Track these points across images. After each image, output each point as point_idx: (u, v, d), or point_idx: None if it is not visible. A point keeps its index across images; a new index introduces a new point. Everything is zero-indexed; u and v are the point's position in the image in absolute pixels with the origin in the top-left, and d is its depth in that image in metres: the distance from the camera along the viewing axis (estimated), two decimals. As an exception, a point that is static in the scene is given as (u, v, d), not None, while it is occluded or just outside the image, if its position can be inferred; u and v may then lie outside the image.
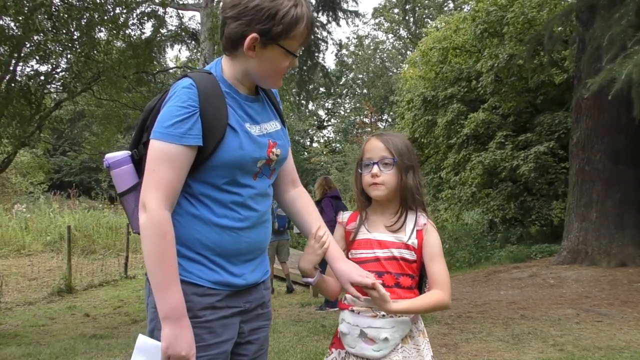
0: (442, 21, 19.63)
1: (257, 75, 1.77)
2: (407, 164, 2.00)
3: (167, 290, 1.60)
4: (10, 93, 7.59)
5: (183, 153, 1.63)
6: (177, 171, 1.63)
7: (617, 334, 5.41)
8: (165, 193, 1.62)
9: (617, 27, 7.06)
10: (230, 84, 1.77)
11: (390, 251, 1.96)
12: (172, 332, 1.60)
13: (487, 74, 13.42)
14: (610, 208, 9.63)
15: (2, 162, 8.63)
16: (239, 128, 1.71)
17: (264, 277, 1.90)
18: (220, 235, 1.71)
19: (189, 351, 1.61)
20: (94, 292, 11.00)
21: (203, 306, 1.70)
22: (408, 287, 1.96)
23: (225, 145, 1.68)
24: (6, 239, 14.83)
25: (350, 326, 1.94)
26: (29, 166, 18.72)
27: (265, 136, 1.79)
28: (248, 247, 1.77)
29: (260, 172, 1.78)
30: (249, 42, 1.68)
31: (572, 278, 8.67)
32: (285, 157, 1.89)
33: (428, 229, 2.02)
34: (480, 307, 7.26)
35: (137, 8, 8.97)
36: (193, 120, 1.64)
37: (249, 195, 1.75)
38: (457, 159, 14.58)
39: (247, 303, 1.82)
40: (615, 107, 9.27)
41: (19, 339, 7.16)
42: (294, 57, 1.76)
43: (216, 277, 1.72)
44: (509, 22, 13.26)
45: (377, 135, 2.07)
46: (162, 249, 1.61)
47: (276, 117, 1.91)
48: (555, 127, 12.59)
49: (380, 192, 1.99)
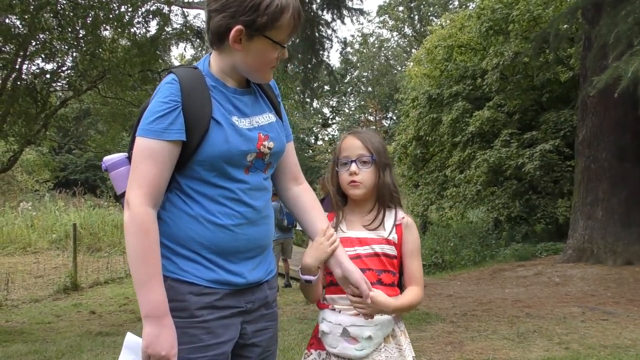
0: (447, 19, 19.61)
1: (245, 69, 1.73)
2: (384, 161, 1.98)
3: (148, 288, 1.57)
4: (16, 91, 7.62)
5: (165, 148, 1.61)
6: (160, 167, 1.61)
7: (623, 333, 5.40)
8: (147, 190, 1.60)
9: (623, 24, 7.03)
10: (217, 78, 1.73)
11: (372, 247, 1.94)
12: (153, 330, 1.56)
13: (493, 72, 13.39)
14: (616, 206, 9.60)
15: (8, 160, 8.68)
16: (223, 121, 1.67)
17: (268, 276, 1.84)
18: (214, 233, 1.67)
19: (170, 351, 1.57)
20: (99, 290, 11.04)
21: (200, 306, 1.65)
22: (390, 283, 1.94)
23: (210, 139, 1.64)
24: (12, 236, 14.88)
25: (332, 325, 1.90)
26: (34, 164, 18.80)
27: (255, 129, 1.74)
28: (246, 245, 1.72)
29: (253, 166, 1.73)
30: (234, 35, 1.64)
31: (578, 276, 8.65)
32: (280, 151, 1.83)
33: (407, 223, 2.00)
34: (485, 305, 7.25)
35: (142, 6, 8.98)
36: (174, 115, 1.61)
37: (242, 190, 1.70)
38: (462, 157, 14.56)
39: (248, 303, 1.76)
40: (622, 105, 9.24)
41: (25, 336, 7.19)
42: (282, 48, 1.72)
43: (213, 275, 1.67)
44: (514, 19, 13.23)
45: (353, 133, 2.04)
46: (144, 246, 1.58)
47: (270, 110, 1.85)
48: (560, 125, 12.56)
49: (359, 190, 1.97)
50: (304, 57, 12.93)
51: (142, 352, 1.58)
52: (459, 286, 9.19)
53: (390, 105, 38.09)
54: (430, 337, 5.51)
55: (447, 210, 16.31)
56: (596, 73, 8.01)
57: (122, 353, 1.67)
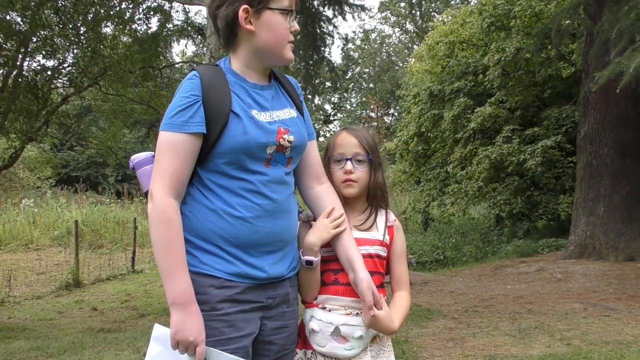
0: (449, 15, 19.53)
1: (264, 50, 1.75)
2: (377, 161, 1.97)
3: (173, 277, 1.60)
4: (17, 88, 7.61)
5: (186, 141, 1.65)
6: (182, 160, 1.65)
7: (625, 329, 5.39)
8: (169, 181, 1.64)
9: (625, 20, 7.00)
10: (237, 73, 1.77)
11: (366, 249, 1.91)
12: (180, 317, 1.59)
13: (494, 68, 13.35)
14: (617, 202, 9.59)
15: (10, 157, 8.67)
16: (242, 114, 1.70)
17: (290, 272, 1.84)
18: (233, 226, 1.68)
19: (197, 337, 1.60)
20: (101, 287, 11.05)
21: (221, 299, 1.67)
22: (379, 285, 1.92)
23: (229, 131, 1.67)
24: (14, 233, 14.91)
25: (323, 323, 1.87)
26: (36, 161, 18.79)
27: (275, 122, 1.75)
28: (266, 238, 1.72)
29: (274, 159, 1.74)
30: (242, 16, 1.69)
31: (580, 272, 8.64)
32: (301, 145, 1.83)
33: (397, 226, 1.99)
34: (487, 301, 7.25)
35: (144, 3, 8.97)
36: (195, 108, 1.66)
37: (261, 182, 1.71)
38: (463, 153, 14.53)
39: (270, 299, 1.77)
40: (623, 101, 9.23)
41: (28, 332, 7.20)
42: (291, 13, 1.75)
43: (233, 268, 1.69)
44: (516, 15, 13.18)
45: (348, 130, 2.01)
46: (168, 235, 1.62)
47: (292, 106, 1.87)
48: (562, 121, 12.53)
49: (353, 189, 1.94)
50: (306, 53, 12.92)
51: (171, 338, 1.61)
52: (460, 282, 9.19)
53: (392, 101, 38.03)
54: (431, 334, 5.51)
55: (449, 206, 16.28)
56: (598, 69, 7.98)
57: (151, 345, 1.70)
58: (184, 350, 1.61)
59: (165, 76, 11.52)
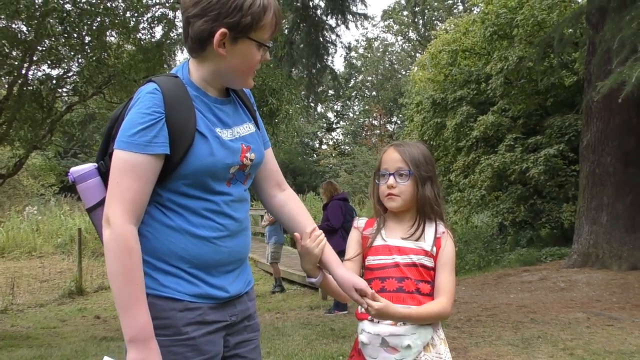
0: (452, 23, 19.59)
1: (229, 74, 1.67)
2: (423, 175, 1.98)
3: (132, 311, 1.50)
4: (23, 97, 7.66)
5: (149, 162, 1.53)
6: (143, 182, 1.54)
7: (628, 338, 5.38)
8: (130, 206, 1.52)
9: (627, 29, 7.02)
10: (198, 87, 1.67)
11: (410, 257, 1.94)
12: (139, 355, 1.49)
13: (497, 77, 13.37)
14: (621, 211, 9.58)
15: (14, 165, 8.72)
16: (208, 133, 1.61)
17: (247, 287, 1.81)
18: (197, 246, 1.61)
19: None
20: (104, 294, 11.06)
21: (186, 322, 1.59)
22: (427, 293, 1.94)
23: (195, 153, 1.58)
24: (18, 241, 14.95)
25: (371, 336, 1.91)
26: (40, 168, 18.85)
27: (238, 140, 1.69)
28: (228, 257, 1.68)
29: (234, 178, 1.69)
30: (218, 39, 1.58)
31: (583, 281, 8.62)
32: (260, 162, 1.79)
33: (445, 237, 2.00)
34: (489, 310, 7.24)
35: (148, 12, 9.03)
36: (158, 127, 1.54)
37: (225, 202, 1.66)
38: (466, 161, 14.54)
39: (232, 316, 1.72)
40: (626, 110, 9.23)
41: (31, 341, 7.21)
42: (266, 48, 1.67)
43: (195, 289, 1.62)
44: (518, 24, 13.22)
45: (394, 145, 2.05)
46: (128, 266, 1.50)
47: (250, 120, 1.81)
48: (565, 130, 12.53)
49: (395, 203, 1.98)
50: (308, 62, 12.97)
51: None
52: (463, 291, 9.18)
53: (395, 109, 38.09)
54: (434, 343, 5.49)
55: (452, 214, 16.26)
56: (600, 78, 8.00)
57: None
58: None
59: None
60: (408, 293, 1.90)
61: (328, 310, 8.14)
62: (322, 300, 9.35)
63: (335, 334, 6.24)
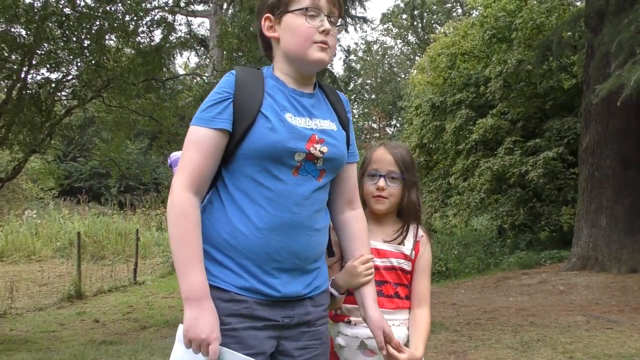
0: (451, 27, 19.63)
1: (290, 55, 1.71)
2: (412, 179, 1.98)
3: (187, 271, 1.55)
4: (22, 101, 7.65)
5: (211, 136, 1.61)
6: (204, 155, 1.61)
7: (628, 342, 5.37)
8: (190, 175, 1.60)
9: (626, 32, 7.04)
10: (277, 77, 1.74)
11: (390, 261, 1.93)
12: (193, 313, 1.53)
13: (496, 80, 13.40)
14: (620, 214, 9.58)
15: (13, 169, 8.70)
16: (272, 115, 1.63)
17: (311, 292, 1.73)
18: (246, 236, 1.61)
19: (210, 334, 1.52)
20: (103, 298, 11.04)
21: (229, 313, 1.60)
22: (405, 296, 1.94)
23: (255, 132, 1.61)
24: (17, 244, 14.92)
25: (349, 338, 1.88)
26: (39, 172, 18.86)
27: (312, 130, 1.68)
28: (279, 252, 1.63)
29: (302, 169, 1.65)
30: (265, 25, 1.72)
31: (582, 284, 8.62)
32: (337, 158, 1.73)
33: (424, 242, 2.00)
34: (489, 313, 7.23)
35: (147, 16, 9.03)
36: (224, 105, 1.63)
37: (283, 192, 1.63)
38: (465, 164, 14.56)
39: (286, 318, 1.67)
40: (625, 113, 9.25)
41: (30, 344, 7.20)
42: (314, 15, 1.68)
43: (241, 282, 1.62)
44: (517, 27, 13.25)
45: (386, 146, 2.02)
46: (183, 229, 1.57)
47: (335, 120, 1.79)
48: (564, 133, 12.55)
49: (383, 206, 1.96)
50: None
51: (183, 336, 1.55)
52: (462, 294, 9.17)
53: (394, 112, 38.10)
54: (433, 346, 5.49)
55: (451, 218, 16.28)
56: (599, 81, 8.02)
57: (175, 345, 1.61)
58: (197, 348, 1.54)
59: (168, 88, 11.57)
60: (387, 297, 1.90)
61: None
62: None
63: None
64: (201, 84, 11.71)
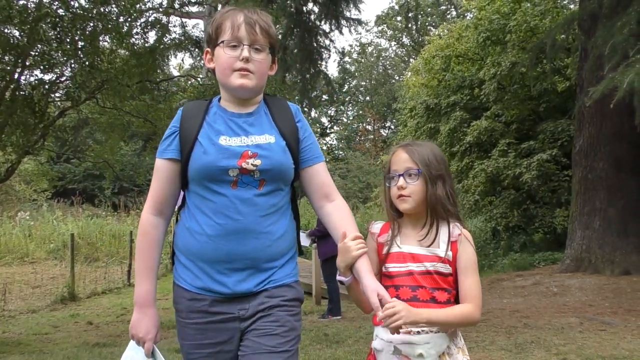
0: (445, 29, 19.69)
1: (220, 82, 1.95)
2: (434, 174, 1.92)
3: (139, 280, 1.92)
4: (15, 102, 7.61)
5: (164, 165, 1.93)
6: (162, 181, 1.93)
7: (621, 343, 5.39)
8: (151, 200, 1.94)
9: (619, 35, 7.07)
10: (219, 105, 1.98)
11: (424, 265, 1.89)
12: (137, 316, 1.91)
13: (490, 82, 13.44)
14: (613, 216, 9.61)
15: (6, 171, 8.65)
16: (206, 141, 1.87)
17: (265, 286, 1.88)
18: (199, 243, 1.86)
19: (145, 335, 1.89)
20: (97, 300, 11.01)
21: (191, 309, 1.88)
22: (445, 301, 1.88)
23: (193, 157, 1.86)
24: (10, 246, 14.86)
25: (384, 342, 1.88)
26: (32, 173, 18.79)
27: (245, 147, 1.87)
28: (228, 255, 1.84)
29: (240, 181, 1.85)
30: (206, 58, 1.99)
31: (576, 286, 8.65)
32: (273, 169, 1.88)
33: (462, 240, 1.92)
34: (483, 315, 7.21)
35: (141, 17, 9.01)
36: (172, 138, 1.93)
37: (224, 203, 1.84)
38: (459, 166, 14.59)
39: (241, 310, 1.87)
40: (618, 116, 9.27)
41: (22, 347, 7.16)
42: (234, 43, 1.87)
43: (199, 283, 1.87)
44: (511, 30, 13.29)
45: (402, 146, 2.00)
46: (141, 245, 1.93)
47: (274, 132, 1.95)
48: (558, 135, 12.59)
49: (407, 204, 1.92)
50: (302, 67, 12.97)
51: (129, 330, 1.93)
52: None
53: (388, 114, 38.18)
54: (428, 348, 5.49)
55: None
56: (592, 83, 8.04)
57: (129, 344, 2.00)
58: (138, 343, 1.92)
59: (162, 89, 11.55)
60: (423, 302, 1.86)
61: (322, 315, 8.13)
62: (315, 305, 9.33)
63: (329, 339, 6.24)
64: (195, 86, 11.69)
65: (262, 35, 1.90)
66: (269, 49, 1.94)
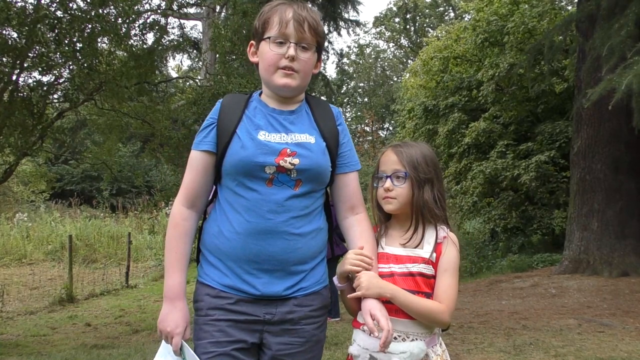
0: (443, 30, 19.69)
1: (262, 78, 1.91)
2: (422, 177, 1.92)
3: (169, 273, 1.85)
4: (13, 104, 7.60)
5: (199, 157, 1.88)
6: (195, 173, 1.89)
7: (619, 345, 5.40)
8: (184, 191, 1.90)
9: (616, 37, 7.08)
10: (260, 100, 1.94)
11: (407, 267, 1.88)
12: (166, 309, 1.84)
13: (488, 83, 13.45)
14: (611, 218, 9.63)
15: (5, 172, 8.64)
16: (244, 134, 1.83)
17: (295, 293, 1.85)
18: (229, 240, 1.81)
19: (174, 329, 1.81)
20: (95, 302, 10.98)
21: (213, 306, 1.82)
22: None
23: (230, 150, 1.82)
24: (8, 247, 14.83)
25: (360, 349, 1.87)
26: (30, 175, 18.77)
27: (284, 144, 1.82)
28: (258, 255, 1.79)
29: (276, 179, 1.80)
30: (250, 51, 1.95)
31: (574, 288, 8.65)
32: (311, 170, 1.83)
33: (447, 242, 1.92)
34: (481, 317, 7.24)
35: (139, 18, 9.00)
36: (209, 129, 1.89)
37: (257, 201, 1.79)
38: (458, 168, 14.59)
39: (268, 314, 1.82)
40: (616, 117, 9.28)
41: (20, 349, 7.14)
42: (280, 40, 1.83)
43: (227, 281, 1.82)
44: (509, 31, 13.31)
45: (392, 147, 2.00)
46: (171, 237, 1.87)
47: (314, 132, 1.91)
48: (556, 136, 12.60)
49: (392, 205, 1.93)
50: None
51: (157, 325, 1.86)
52: (455, 298, 9.18)
53: (387, 115, 38.18)
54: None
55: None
56: (590, 85, 8.06)
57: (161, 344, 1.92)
58: (165, 338, 1.84)
59: (161, 91, 11.53)
60: None
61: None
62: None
63: (328, 340, 6.23)
64: (194, 87, 11.68)
65: (310, 34, 1.85)
66: (316, 47, 1.90)
